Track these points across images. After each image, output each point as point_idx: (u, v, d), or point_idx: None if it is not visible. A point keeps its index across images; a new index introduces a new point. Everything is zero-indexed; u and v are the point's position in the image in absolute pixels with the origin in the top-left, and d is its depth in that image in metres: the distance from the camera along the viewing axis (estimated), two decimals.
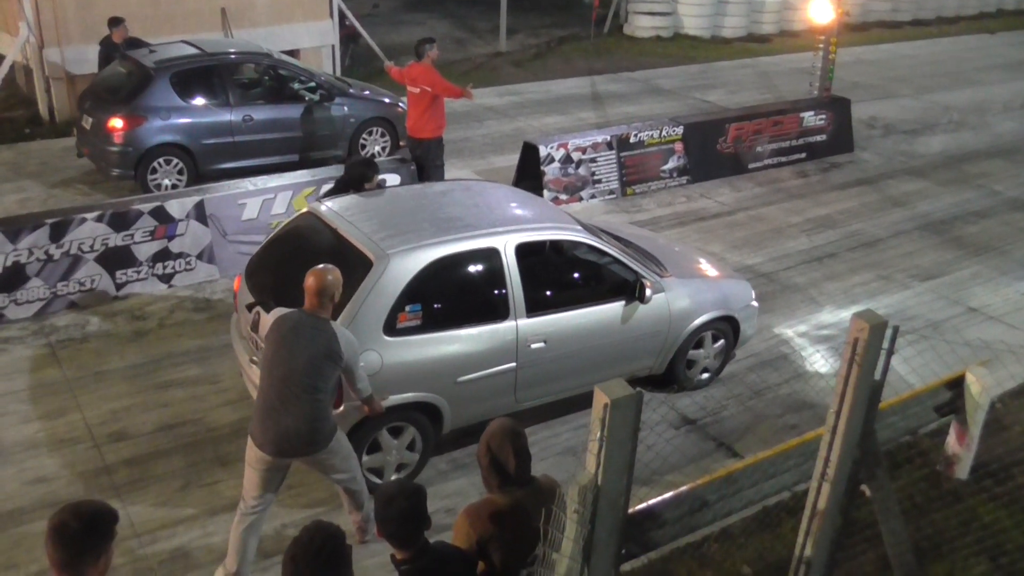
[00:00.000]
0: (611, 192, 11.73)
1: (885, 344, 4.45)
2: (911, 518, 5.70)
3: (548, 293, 6.64)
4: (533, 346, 6.47)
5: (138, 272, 8.75)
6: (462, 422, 6.44)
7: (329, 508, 6.09)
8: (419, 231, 6.32)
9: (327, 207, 6.78)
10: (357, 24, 16.93)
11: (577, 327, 6.68)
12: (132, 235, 8.64)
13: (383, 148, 12.23)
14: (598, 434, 3.54)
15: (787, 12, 23.14)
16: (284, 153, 11.45)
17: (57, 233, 8.32)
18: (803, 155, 13.45)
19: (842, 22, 14.13)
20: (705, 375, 7.68)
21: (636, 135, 11.93)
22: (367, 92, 12.43)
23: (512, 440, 4.05)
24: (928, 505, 6.08)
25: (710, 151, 12.57)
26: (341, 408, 5.70)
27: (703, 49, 20.91)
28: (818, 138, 13.62)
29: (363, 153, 11.96)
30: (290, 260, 6.47)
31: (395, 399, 5.95)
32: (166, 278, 8.88)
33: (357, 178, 7.59)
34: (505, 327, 6.36)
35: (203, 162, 11.00)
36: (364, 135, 12.08)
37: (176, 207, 8.85)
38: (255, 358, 6.20)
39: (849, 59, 18.82)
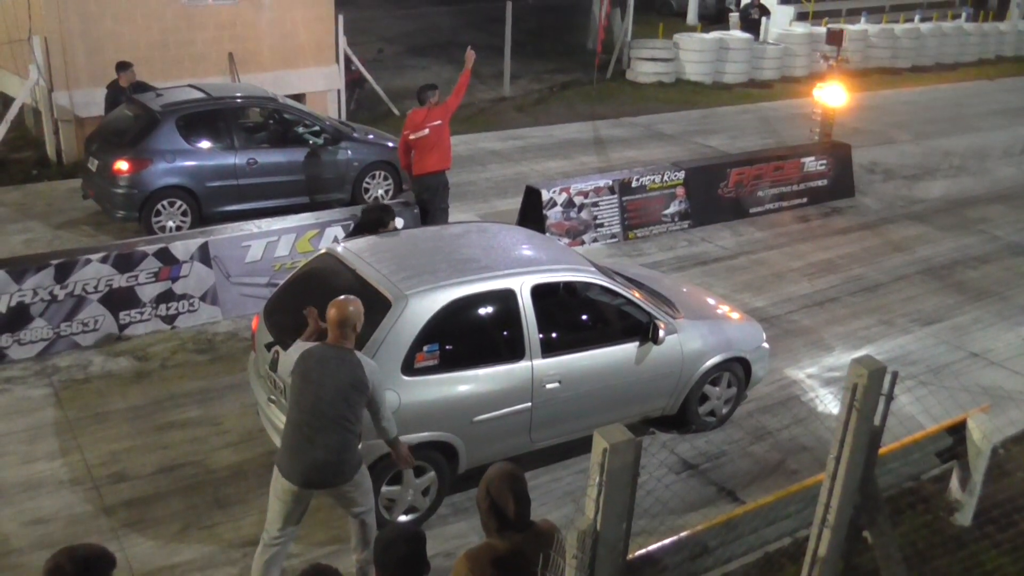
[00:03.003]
0: (613, 236, 11.79)
1: (884, 389, 4.47)
2: (913, 565, 5.65)
3: (563, 334, 6.73)
4: (548, 386, 6.54)
5: (141, 313, 8.78)
6: (477, 461, 6.41)
7: (330, 551, 6.07)
8: (436, 272, 6.43)
9: (345, 248, 6.89)
10: (363, 69, 17.14)
11: (591, 368, 6.75)
12: (136, 276, 8.69)
13: (386, 191, 12.34)
14: (597, 479, 3.55)
15: (788, 59, 23.38)
16: (288, 196, 11.51)
17: (62, 274, 8.37)
18: (804, 200, 13.52)
19: (842, 69, 14.28)
20: (711, 418, 7.70)
21: (638, 179, 12.02)
22: (371, 136, 12.55)
23: (511, 484, 4.04)
24: (930, 552, 6.03)
25: (712, 196, 12.65)
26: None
27: (705, 94, 21.12)
28: (819, 183, 13.70)
29: (367, 196, 12.06)
30: (309, 300, 6.49)
31: (412, 438, 5.96)
32: (169, 319, 8.92)
33: (373, 223, 7.67)
34: (521, 367, 6.43)
35: (207, 205, 11.07)
36: (367, 179, 12.18)
37: (180, 249, 8.91)
38: (273, 397, 6.26)
39: (849, 105, 18.97)
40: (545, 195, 11.29)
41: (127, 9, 13.67)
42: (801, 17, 26.28)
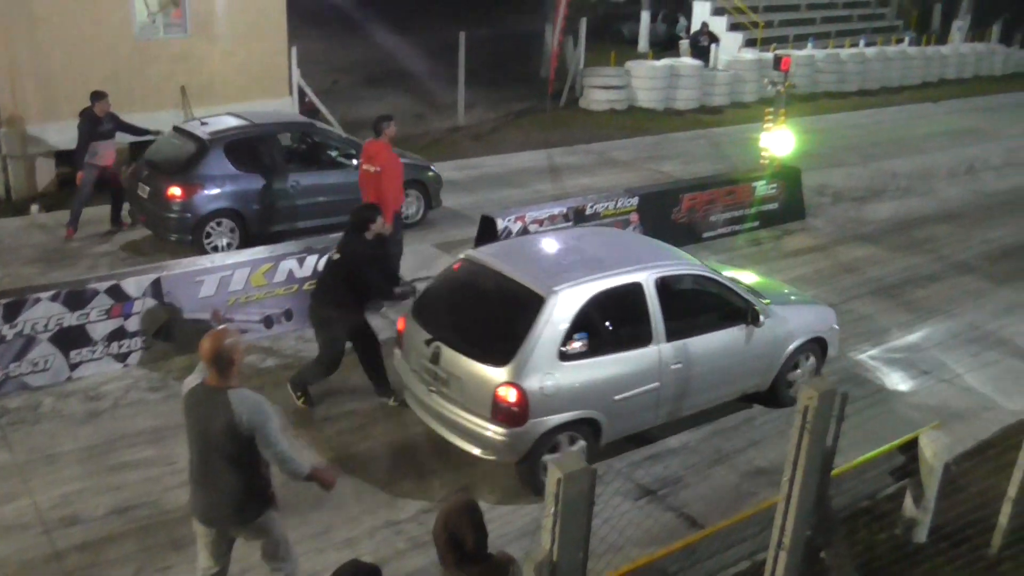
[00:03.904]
0: None
1: (835, 411, 4.54)
2: None
3: (682, 321, 7.51)
4: (672, 367, 7.38)
5: (93, 352, 8.64)
6: (615, 435, 7.34)
7: None
8: (574, 270, 7.27)
9: (483, 253, 7.85)
10: (316, 100, 17.14)
11: (706, 350, 7.60)
12: (87, 314, 8.56)
13: (417, 210, 12.93)
14: (552, 509, 3.56)
15: (737, 84, 23.79)
16: (327, 216, 11.89)
17: (10, 313, 8.22)
18: (756, 223, 13.71)
19: (789, 94, 14.54)
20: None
21: (592, 206, 12.11)
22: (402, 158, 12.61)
23: (469, 516, 4.03)
24: (887, 569, 6.10)
25: (665, 221, 12.76)
26: (524, 425, 6.59)
27: (657, 121, 21.38)
28: (770, 206, 13.90)
29: (402, 216, 12.17)
30: (461, 299, 7.60)
31: (566, 417, 6.84)
32: (121, 357, 8.79)
33: (362, 221, 8.08)
34: (650, 351, 7.26)
35: (253, 225, 11.53)
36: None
37: (132, 285, 8.79)
38: (434, 387, 7.17)
39: (798, 129, 19.30)
40: (500, 223, 11.32)
41: (78, 44, 13.57)
42: (750, 43, 26.77)
